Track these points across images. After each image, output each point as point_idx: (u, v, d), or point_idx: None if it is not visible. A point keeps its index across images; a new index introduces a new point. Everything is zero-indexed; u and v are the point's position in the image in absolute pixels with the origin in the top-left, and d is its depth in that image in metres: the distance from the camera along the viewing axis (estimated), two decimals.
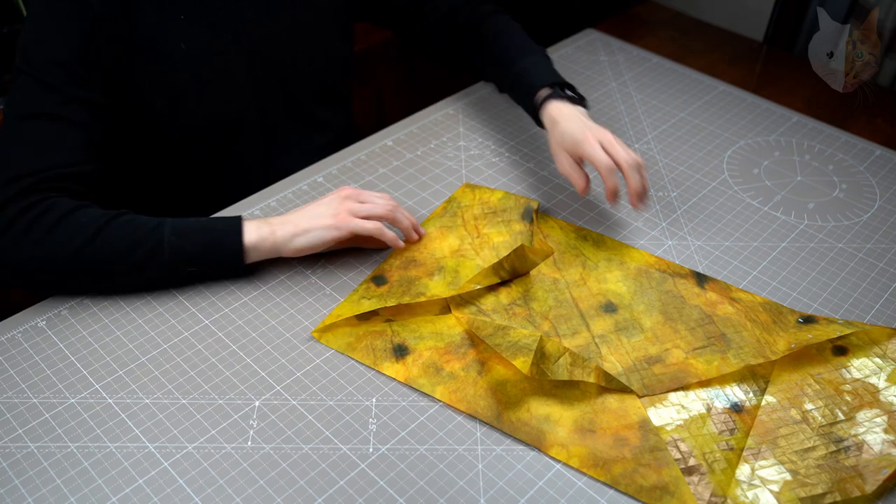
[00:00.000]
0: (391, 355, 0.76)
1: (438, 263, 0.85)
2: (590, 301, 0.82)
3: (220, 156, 0.98)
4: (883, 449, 0.67)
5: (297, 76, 0.99)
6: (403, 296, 0.80)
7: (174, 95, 0.89)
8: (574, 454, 0.67)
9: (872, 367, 0.75)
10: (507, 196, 0.94)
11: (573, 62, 1.26)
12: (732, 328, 0.78)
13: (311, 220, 0.82)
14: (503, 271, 0.83)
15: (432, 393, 0.72)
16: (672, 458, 0.66)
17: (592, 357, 0.76)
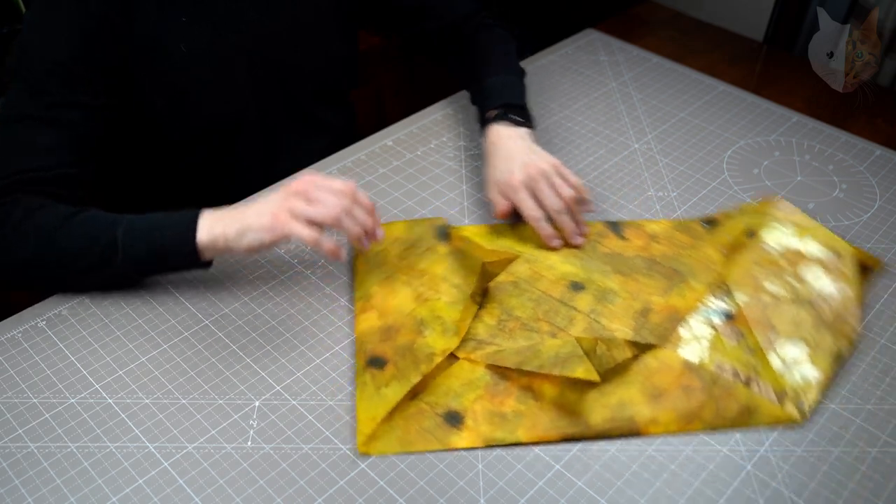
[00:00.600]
0: (449, 427, 0.69)
1: (414, 318, 0.77)
2: (558, 288, 0.83)
3: (220, 156, 0.98)
4: (836, 290, 0.81)
5: (297, 76, 0.99)
6: (420, 365, 0.72)
7: (174, 95, 0.89)
8: (665, 422, 0.70)
9: (779, 233, 0.87)
10: (411, 224, 0.89)
11: (573, 62, 1.26)
12: (675, 261, 0.86)
13: (255, 216, 0.74)
14: (477, 296, 0.80)
15: (517, 439, 0.68)
16: (732, 381, 0.72)
17: (603, 334, 0.77)
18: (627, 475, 0.67)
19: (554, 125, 1.10)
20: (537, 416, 0.70)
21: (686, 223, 0.92)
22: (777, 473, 0.67)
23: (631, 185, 1.00)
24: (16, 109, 0.80)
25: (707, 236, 0.89)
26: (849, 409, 0.73)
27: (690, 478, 0.66)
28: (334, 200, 0.75)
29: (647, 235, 0.90)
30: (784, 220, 0.89)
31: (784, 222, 0.88)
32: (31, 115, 0.79)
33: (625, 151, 1.06)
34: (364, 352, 0.75)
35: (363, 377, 0.72)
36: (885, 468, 0.68)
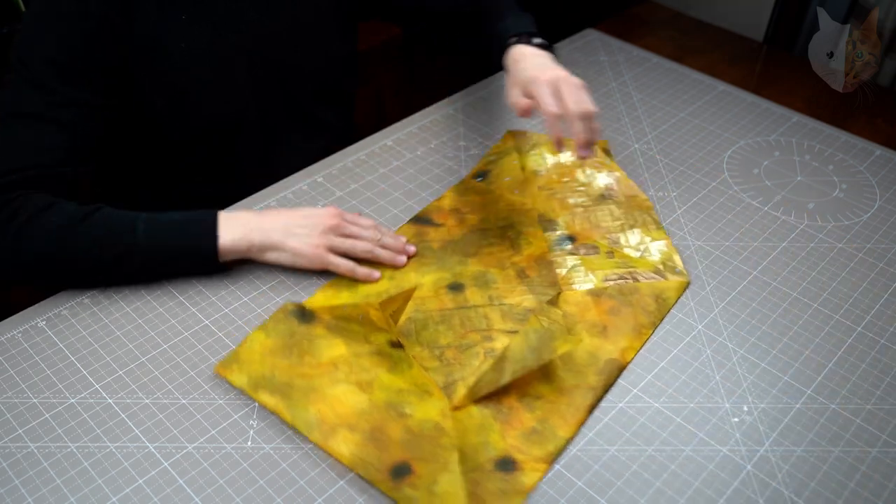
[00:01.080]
0: (513, 473, 0.66)
1: (381, 405, 0.70)
2: (444, 299, 0.81)
3: (220, 156, 0.98)
4: (609, 177, 0.97)
5: (297, 76, 0.99)
6: (441, 440, 0.67)
7: (174, 95, 0.89)
8: (627, 345, 0.77)
9: (538, 158, 0.99)
10: (266, 328, 0.75)
11: (573, 62, 1.26)
12: (493, 220, 0.91)
13: (287, 236, 0.81)
14: (397, 348, 0.76)
15: (566, 438, 0.69)
16: (630, 284, 0.83)
17: (516, 312, 0.80)
18: (627, 475, 0.67)
19: None
20: (557, 411, 0.70)
21: (464, 185, 0.96)
22: (777, 473, 0.67)
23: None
24: (15, 106, 0.80)
25: (492, 187, 0.95)
26: (849, 409, 0.73)
27: (690, 478, 0.67)
28: (367, 234, 0.83)
29: (450, 211, 0.92)
30: (533, 145, 1.01)
31: (534, 147, 1.00)
32: (31, 112, 0.79)
33: (625, 151, 1.06)
34: (372, 469, 0.65)
35: (403, 492, 0.63)
36: (885, 468, 0.68)
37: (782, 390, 0.74)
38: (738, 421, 0.71)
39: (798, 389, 0.74)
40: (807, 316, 0.82)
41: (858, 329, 0.81)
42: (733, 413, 0.72)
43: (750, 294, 0.84)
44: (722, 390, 0.74)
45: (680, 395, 0.74)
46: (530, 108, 0.83)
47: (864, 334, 0.80)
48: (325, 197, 0.96)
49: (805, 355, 0.78)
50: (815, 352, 0.78)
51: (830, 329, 0.81)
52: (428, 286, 0.83)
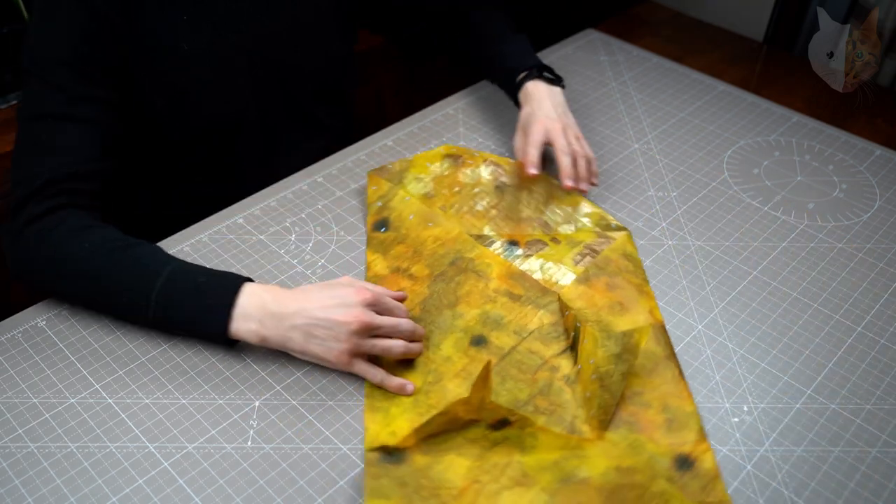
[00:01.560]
0: None
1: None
2: (476, 357, 0.75)
3: (220, 156, 0.98)
4: (507, 181, 0.96)
5: (297, 76, 0.99)
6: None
7: (175, 95, 0.89)
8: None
9: (426, 169, 0.96)
10: None
11: (573, 62, 1.26)
12: (442, 260, 0.86)
13: (309, 340, 0.71)
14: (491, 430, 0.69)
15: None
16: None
17: (541, 334, 0.78)
18: None
19: None
20: (665, 392, 0.72)
21: (377, 241, 0.88)
22: (777, 473, 0.67)
23: (631, 185, 1.00)
24: (35, 109, 0.80)
25: (405, 231, 0.89)
26: (849, 409, 0.73)
27: None
28: (403, 329, 0.73)
29: (392, 274, 0.84)
30: (402, 173, 0.95)
31: (404, 174, 0.95)
32: (51, 112, 0.79)
33: (625, 151, 1.06)
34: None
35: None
36: (885, 468, 0.68)
37: (782, 390, 0.74)
38: (738, 421, 0.71)
39: (798, 389, 0.74)
40: (807, 316, 0.82)
41: (858, 329, 0.81)
42: (733, 413, 0.72)
43: (750, 294, 0.84)
44: (722, 390, 0.74)
45: None
46: (536, 166, 0.92)
47: (864, 334, 0.80)
48: (325, 197, 0.96)
49: (805, 355, 0.78)
50: (815, 352, 0.78)
51: (830, 329, 0.81)
52: (454, 354, 0.76)
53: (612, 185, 0.99)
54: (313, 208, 0.94)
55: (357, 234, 0.91)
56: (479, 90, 1.18)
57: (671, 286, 0.85)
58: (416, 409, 0.70)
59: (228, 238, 0.89)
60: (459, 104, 1.15)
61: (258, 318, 0.71)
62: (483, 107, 1.14)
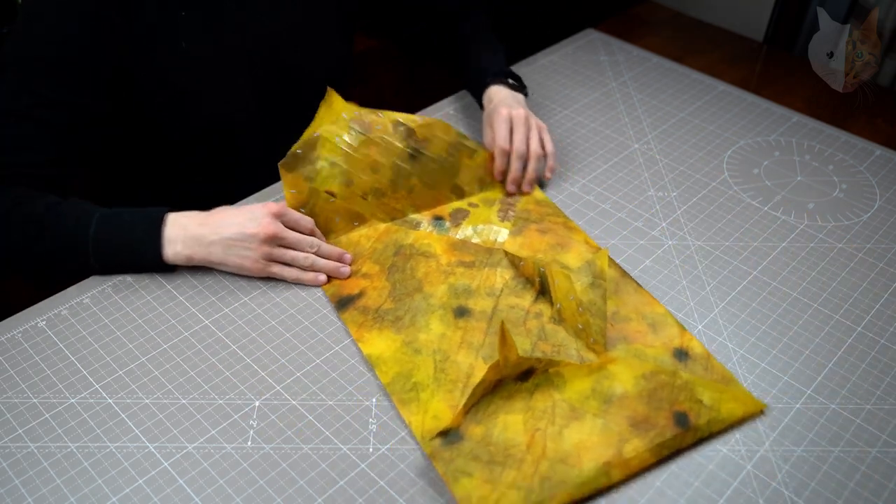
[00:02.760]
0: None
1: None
2: (478, 335, 0.78)
3: (221, 156, 0.98)
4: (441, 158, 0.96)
5: (297, 75, 0.99)
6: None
7: (175, 94, 0.89)
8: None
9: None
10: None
11: (573, 62, 1.26)
12: (381, 246, 0.89)
13: (228, 253, 0.81)
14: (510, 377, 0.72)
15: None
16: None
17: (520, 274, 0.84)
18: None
19: (554, 125, 1.10)
20: (631, 311, 0.81)
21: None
22: (777, 473, 0.67)
23: (631, 185, 1.00)
24: (3, 104, 0.80)
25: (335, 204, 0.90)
26: (849, 409, 0.73)
27: (690, 478, 0.66)
28: (304, 244, 0.83)
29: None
30: (322, 140, 0.92)
31: (322, 143, 0.92)
32: (16, 111, 0.80)
33: (625, 151, 1.06)
34: (668, 435, 0.68)
35: (698, 427, 0.69)
36: (885, 468, 0.68)
37: (782, 390, 0.74)
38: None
39: (798, 389, 0.74)
40: (807, 316, 0.82)
41: (858, 329, 0.81)
42: None
43: (750, 294, 0.84)
44: None
45: None
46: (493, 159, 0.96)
47: (864, 334, 0.80)
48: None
49: (805, 355, 0.78)
50: (815, 352, 0.78)
51: (830, 329, 0.81)
52: (446, 330, 0.78)
53: (612, 185, 0.99)
54: None
55: None
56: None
57: (671, 286, 0.85)
58: (443, 388, 0.73)
59: None
60: (459, 104, 1.15)
61: (182, 241, 0.80)
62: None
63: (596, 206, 0.96)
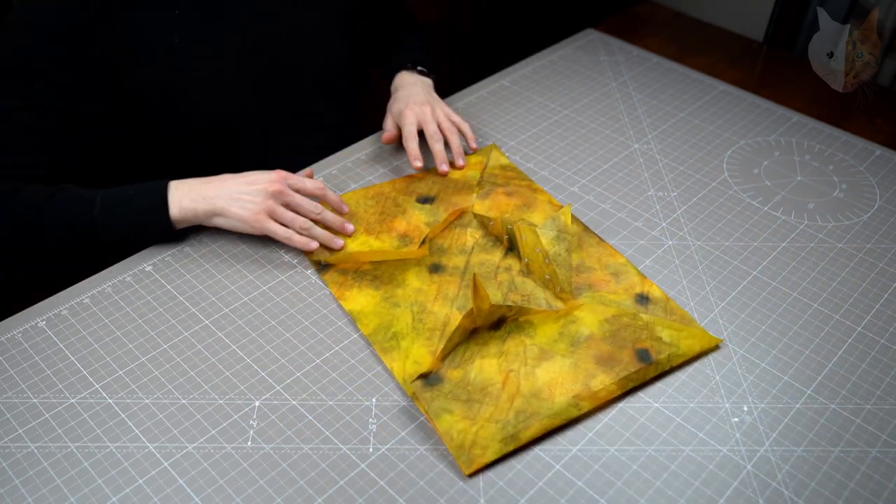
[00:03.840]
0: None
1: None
2: (454, 286, 0.84)
3: (220, 155, 0.97)
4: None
5: (296, 75, 0.99)
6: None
7: (172, 94, 0.89)
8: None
9: None
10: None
11: (573, 62, 1.26)
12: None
13: (230, 202, 0.83)
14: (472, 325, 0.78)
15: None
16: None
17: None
18: (627, 475, 0.67)
19: (554, 125, 1.10)
20: (591, 250, 0.87)
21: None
22: (777, 473, 0.67)
23: (631, 185, 1.00)
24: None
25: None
26: (849, 409, 0.73)
27: (690, 478, 0.67)
28: (307, 207, 0.85)
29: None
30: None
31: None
32: (3, 112, 0.80)
33: (625, 151, 1.06)
34: (632, 370, 0.74)
35: (658, 362, 0.75)
36: (885, 468, 0.68)
37: (782, 390, 0.74)
38: (738, 421, 0.71)
39: (798, 389, 0.74)
40: (807, 316, 0.82)
41: (858, 329, 0.81)
42: (733, 413, 0.72)
43: (750, 294, 0.84)
44: (722, 390, 0.74)
45: (680, 395, 0.74)
46: (395, 139, 1.01)
47: (864, 334, 0.80)
48: None
49: (805, 355, 0.78)
50: (815, 352, 0.78)
51: (830, 329, 0.81)
52: (422, 284, 0.84)
53: (612, 185, 1.00)
54: None
55: None
56: (479, 90, 1.18)
57: (671, 286, 0.85)
58: (422, 336, 0.78)
59: (228, 237, 0.89)
60: (459, 104, 1.15)
61: (188, 196, 0.83)
62: (483, 107, 1.14)
63: (596, 206, 0.96)
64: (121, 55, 0.84)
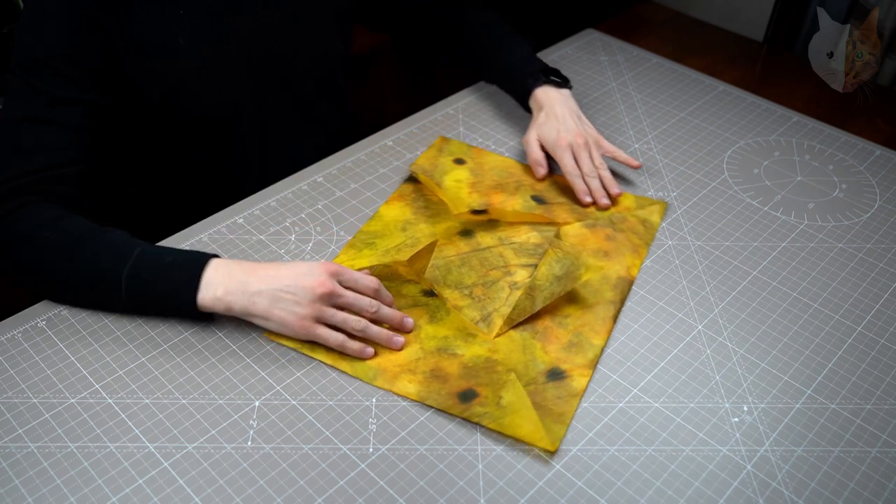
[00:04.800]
0: (561, 381, 0.74)
1: (433, 350, 0.77)
2: (458, 245, 0.88)
3: (219, 153, 0.98)
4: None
5: (295, 72, 0.99)
6: (495, 376, 0.75)
7: (174, 92, 0.89)
8: (631, 263, 0.84)
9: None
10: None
11: (573, 62, 1.26)
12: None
13: (273, 305, 0.73)
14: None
15: (602, 343, 0.77)
16: (619, 216, 0.93)
17: (528, 248, 0.87)
18: (627, 475, 0.67)
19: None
20: (586, 323, 0.80)
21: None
22: (777, 473, 0.67)
23: (631, 186, 1.00)
24: (18, 111, 0.80)
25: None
26: (849, 409, 0.73)
27: (690, 478, 0.67)
28: (363, 304, 0.75)
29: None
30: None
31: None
32: (32, 115, 0.80)
33: (625, 151, 1.06)
34: (441, 400, 0.72)
35: (474, 411, 0.71)
36: (885, 468, 0.68)
37: (782, 390, 0.74)
38: (738, 421, 0.71)
39: (798, 389, 0.74)
40: (807, 316, 0.82)
41: (858, 329, 0.81)
42: (733, 413, 0.72)
43: (750, 294, 0.84)
44: (722, 390, 0.74)
45: (680, 395, 0.74)
46: (546, 165, 0.99)
47: (864, 334, 0.80)
48: (325, 197, 0.96)
49: (805, 355, 0.78)
50: (815, 352, 0.78)
51: (830, 329, 0.81)
52: (441, 235, 0.88)
53: None
54: (313, 208, 0.94)
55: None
56: (479, 90, 1.18)
57: (671, 286, 0.85)
58: (370, 249, 0.86)
59: (228, 238, 0.89)
60: (459, 104, 1.15)
61: (224, 286, 0.73)
62: (483, 106, 1.14)
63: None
64: (124, 49, 0.84)
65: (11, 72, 0.81)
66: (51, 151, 0.80)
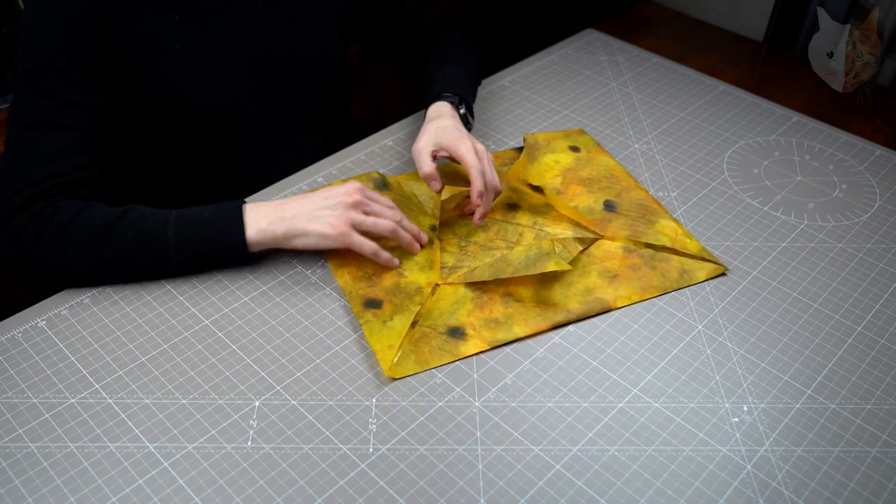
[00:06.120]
0: (455, 340, 0.78)
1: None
2: (499, 211, 0.93)
3: (219, 154, 0.98)
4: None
5: (295, 72, 0.99)
6: (413, 298, 0.82)
7: (172, 94, 0.89)
8: (627, 295, 0.82)
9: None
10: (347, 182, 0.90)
11: (573, 62, 1.26)
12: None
13: (311, 221, 0.81)
14: (434, 232, 0.90)
15: (515, 336, 0.78)
16: (664, 253, 0.89)
17: (551, 237, 0.89)
18: (627, 475, 0.67)
19: (554, 125, 1.10)
20: (525, 314, 0.80)
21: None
22: (777, 473, 0.67)
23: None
24: (27, 116, 0.81)
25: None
26: (849, 409, 0.73)
27: (690, 478, 0.67)
28: (389, 213, 0.84)
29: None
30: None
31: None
32: (42, 120, 0.80)
33: (625, 151, 1.06)
34: (356, 297, 0.81)
35: (365, 316, 0.79)
36: (885, 468, 0.68)
37: (782, 390, 0.74)
38: (738, 421, 0.71)
39: (798, 389, 0.74)
40: (807, 316, 0.82)
41: (858, 329, 0.81)
42: (733, 413, 0.72)
43: (750, 294, 0.84)
44: (722, 390, 0.74)
45: (680, 395, 0.74)
46: (439, 177, 0.90)
47: (864, 334, 0.80)
48: None
49: (805, 355, 0.78)
50: (815, 352, 0.78)
51: (830, 329, 0.81)
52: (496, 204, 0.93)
53: None
54: None
55: None
56: (479, 90, 1.18)
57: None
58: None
59: None
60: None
61: (266, 218, 0.81)
62: (482, 107, 1.14)
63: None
64: (123, 49, 0.84)
65: (19, 79, 0.81)
66: (68, 156, 0.81)
